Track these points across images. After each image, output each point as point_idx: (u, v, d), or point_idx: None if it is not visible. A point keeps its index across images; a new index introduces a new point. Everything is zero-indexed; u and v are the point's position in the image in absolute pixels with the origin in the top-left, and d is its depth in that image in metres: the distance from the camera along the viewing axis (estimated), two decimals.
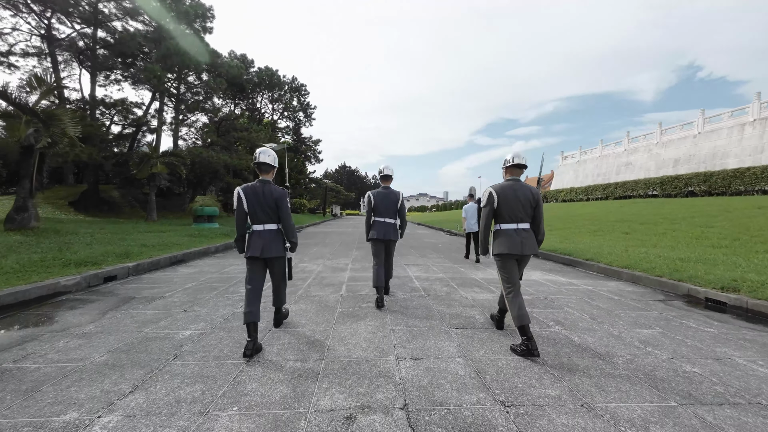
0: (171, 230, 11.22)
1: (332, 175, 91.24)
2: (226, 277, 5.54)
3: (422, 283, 5.32)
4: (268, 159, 2.86)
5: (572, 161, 35.92)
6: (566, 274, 6.54)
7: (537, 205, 2.98)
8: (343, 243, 11.42)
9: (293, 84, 37.68)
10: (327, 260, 7.53)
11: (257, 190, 2.80)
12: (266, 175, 2.89)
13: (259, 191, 2.80)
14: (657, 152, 25.12)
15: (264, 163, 2.85)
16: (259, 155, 2.86)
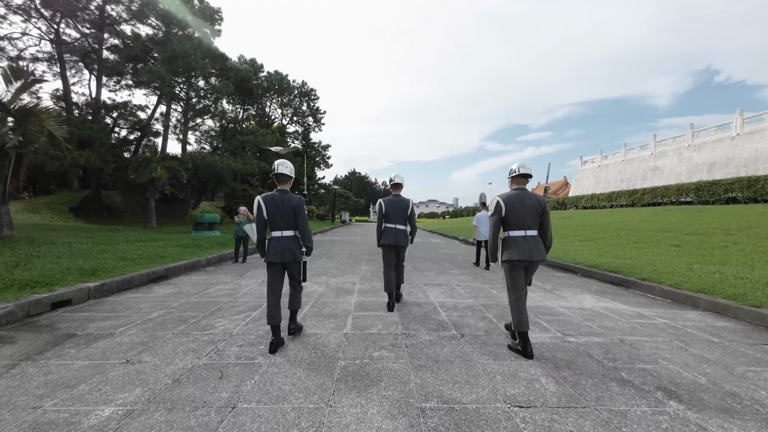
0: (165, 239, 10.34)
1: (342, 181, 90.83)
2: (205, 302, 4.50)
3: (450, 314, 4.16)
4: (285, 170, 3.04)
5: (593, 166, 34.15)
6: (624, 298, 5.28)
7: (544, 212, 3.07)
8: (351, 255, 10.33)
9: (303, 88, 37.23)
10: (331, 277, 6.44)
11: (276, 199, 2.98)
12: (284, 185, 3.07)
13: (278, 200, 2.98)
14: (689, 156, 23.33)
15: (282, 173, 3.03)
16: (278, 167, 3.03)
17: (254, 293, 5.02)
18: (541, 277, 7.04)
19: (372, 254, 10.49)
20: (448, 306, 4.54)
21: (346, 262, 8.55)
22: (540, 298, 5.13)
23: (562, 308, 4.59)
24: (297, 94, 36.73)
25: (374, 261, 8.89)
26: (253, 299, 4.67)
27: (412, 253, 10.89)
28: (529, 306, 4.64)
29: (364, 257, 9.73)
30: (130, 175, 13.21)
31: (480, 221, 8.37)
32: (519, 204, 3.02)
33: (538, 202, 3.05)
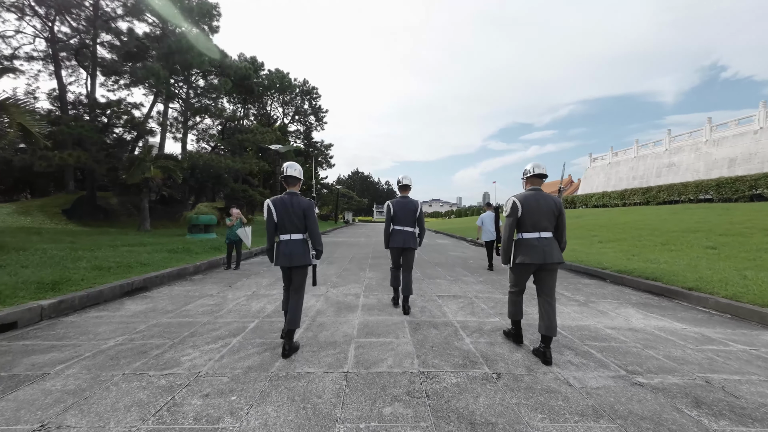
0: (155, 243, 9.65)
1: (345, 181, 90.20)
2: (179, 323, 3.75)
3: (476, 340, 3.37)
4: (294, 172, 3.00)
5: (603, 163, 33.05)
6: (674, 314, 4.47)
7: (560, 214, 2.99)
8: (355, 259, 9.57)
9: (304, 87, 36.54)
10: (332, 288, 5.68)
11: (285, 202, 2.94)
12: (293, 187, 3.02)
13: (288, 203, 2.94)
14: (707, 151, 22.25)
15: (291, 176, 2.99)
16: (287, 169, 3.00)
17: (240, 311, 4.27)
18: (568, 286, 6.23)
19: (377, 257, 9.72)
20: (471, 327, 3.75)
21: (348, 268, 7.78)
22: (577, 315, 4.32)
23: (609, 329, 3.78)
24: (298, 92, 36.06)
25: (380, 266, 8.12)
26: (237, 319, 3.92)
27: (420, 257, 10.11)
28: (569, 326, 3.85)
29: (368, 262, 8.96)
30: (121, 175, 12.56)
31: (484, 221, 8.15)
32: (535, 205, 2.94)
33: (554, 203, 2.97)
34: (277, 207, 2.92)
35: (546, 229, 2.95)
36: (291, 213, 2.92)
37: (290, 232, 2.94)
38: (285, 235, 2.95)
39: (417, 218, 4.25)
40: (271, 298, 4.91)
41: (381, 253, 11.05)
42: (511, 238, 3.06)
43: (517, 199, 2.99)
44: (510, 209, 3.02)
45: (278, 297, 4.99)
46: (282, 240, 2.95)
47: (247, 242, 7.63)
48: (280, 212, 2.92)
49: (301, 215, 2.95)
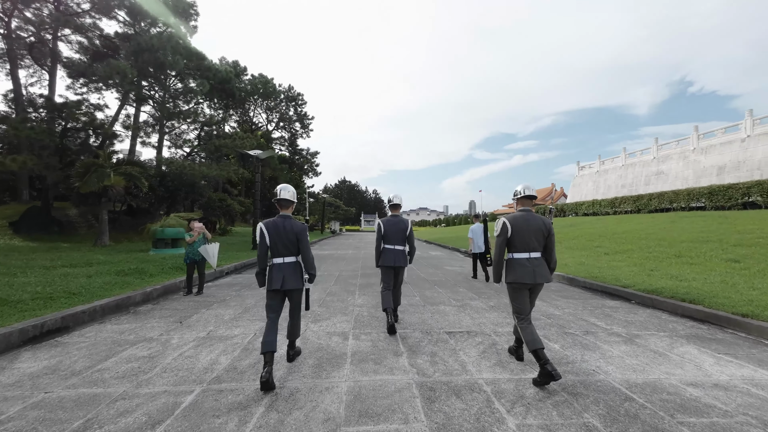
0: (105, 262, 8.22)
1: (332, 190, 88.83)
2: (77, 399, 2.50)
3: (521, 419, 2.27)
4: (287, 195, 2.99)
5: (591, 171, 33.10)
6: (747, 353, 3.53)
7: (549, 234, 3.05)
8: (341, 278, 8.40)
9: (289, 93, 35.48)
10: (312, 322, 4.50)
11: (278, 225, 2.92)
12: (286, 210, 3.02)
13: (280, 226, 2.92)
14: (695, 159, 22.31)
15: (284, 199, 2.98)
16: (280, 192, 2.99)
17: (179, 369, 3.04)
18: (595, 310, 5.27)
19: (367, 275, 8.57)
20: (507, 393, 2.65)
21: (334, 292, 6.60)
22: (633, 360, 3.31)
23: (690, 387, 2.77)
24: (283, 98, 34.95)
25: (371, 287, 6.98)
26: (170, 387, 2.70)
27: (416, 274, 9.03)
28: (636, 383, 2.78)
29: (357, 281, 7.80)
30: (73, 183, 11.03)
31: (475, 233, 8.06)
32: (525, 226, 3.01)
33: (543, 224, 3.03)
34: (269, 230, 2.90)
35: (535, 249, 3.01)
36: (284, 236, 2.91)
37: (283, 255, 2.93)
38: (278, 258, 2.93)
39: (407, 237, 4.31)
40: (229, 343, 3.69)
41: (371, 269, 9.91)
42: (502, 257, 3.11)
43: (507, 220, 3.03)
44: (500, 230, 3.07)
45: (240, 340, 3.80)
46: (275, 263, 2.93)
47: (211, 262, 6.38)
48: (272, 235, 2.90)
49: (294, 239, 2.94)
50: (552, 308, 5.45)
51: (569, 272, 8.54)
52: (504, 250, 3.09)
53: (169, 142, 20.50)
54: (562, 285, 7.81)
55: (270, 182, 36.68)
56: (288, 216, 2.99)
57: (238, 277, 8.34)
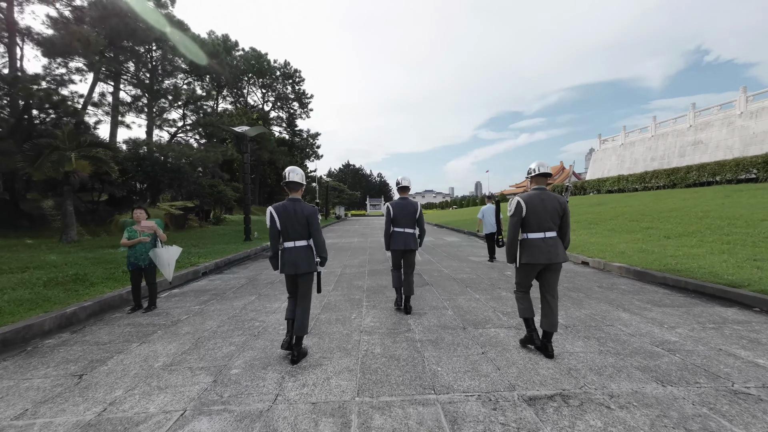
0: (52, 265, 6.58)
1: (336, 174, 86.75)
2: None
3: None
4: (296, 178, 2.94)
5: (614, 145, 30.40)
6: None
7: (564, 213, 3.00)
8: (345, 278, 6.68)
9: (286, 69, 32.96)
10: (289, 375, 2.76)
11: (288, 209, 2.89)
12: (295, 193, 2.97)
13: (290, 209, 2.89)
14: (743, 125, 19.71)
15: (293, 181, 2.94)
16: (289, 174, 2.93)
17: None
18: (721, 329, 3.43)
19: (377, 272, 6.82)
20: None
21: (332, 304, 4.86)
22: None
23: None
24: (279, 75, 32.50)
25: (383, 293, 5.23)
26: None
27: (437, 269, 7.26)
28: None
29: (364, 282, 6.05)
30: (21, 169, 9.33)
31: (485, 214, 8.15)
32: (540, 205, 2.94)
33: (558, 203, 2.98)
34: (279, 214, 2.87)
35: (550, 229, 2.95)
36: (294, 220, 2.87)
37: (294, 239, 2.91)
38: (289, 242, 2.91)
39: (417, 219, 4.22)
40: None
41: (381, 263, 8.16)
42: (516, 238, 3.01)
43: (522, 199, 2.96)
44: (515, 209, 2.97)
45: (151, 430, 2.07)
46: (286, 247, 2.91)
47: (165, 273, 4.68)
48: (282, 219, 2.86)
49: (305, 222, 2.91)
50: (653, 326, 3.65)
51: (633, 263, 6.69)
52: (518, 231, 3.00)
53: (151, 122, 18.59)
54: (631, 281, 5.98)
55: (269, 166, 34.84)
56: (298, 199, 2.96)
57: (215, 280, 6.66)
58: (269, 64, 30.74)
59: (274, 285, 6.06)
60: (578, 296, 4.99)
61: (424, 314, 4.21)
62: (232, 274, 7.31)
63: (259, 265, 8.43)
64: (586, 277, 6.40)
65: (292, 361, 2.85)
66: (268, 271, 7.43)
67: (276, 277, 6.69)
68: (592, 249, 8.64)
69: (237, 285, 6.13)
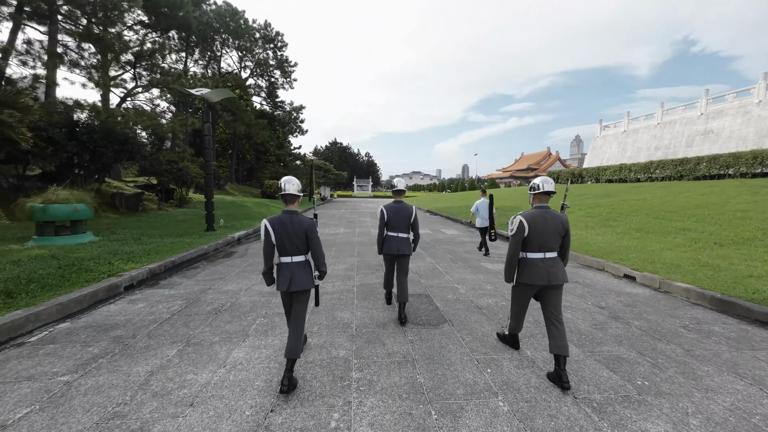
0: None
1: (322, 153, 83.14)
2: None
3: None
4: (292, 189, 2.77)
5: (616, 131, 28.98)
6: None
7: (566, 233, 2.95)
8: (322, 302, 4.81)
9: (266, 31, 29.35)
10: None
11: (285, 222, 2.74)
12: (292, 205, 2.80)
13: (287, 222, 2.74)
14: (760, 114, 18.44)
15: (289, 194, 2.77)
16: (284, 185, 2.78)
17: None
18: None
19: (371, 293, 4.94)
20: None
21: (299, 366, 2.98)
22: None
23: None
24: (259, 38, 28.92)
25: (386, 341, 3.37)
26: None
27: (451, 288, 5.43)
28: None
29: (353, 314, 4.18)
30: None
31: (479, 208, 8.33)
32: (542, 224, 2.85)
33: (561, 222, 2.89)
34: (275, 228, 2.71)
35: (552, 249, 2.89)
36: (291, 234, 2.71)
37: (291, 254, 2.75)
38: (285, 257, 2.75)
39: (411, 224, 4.14)
40: None
41: (375, 272, 6.29)
42: (516, 257, 2.95)
43: (524, 218, 2.87)
44: (517, 228, 2.90)
45: None
46: (282, 263, 2.76)
47: None
48: (278, 233, 2.71)
49: (303, 236, 2.75)
50: None
51: (703, 284, 5.10)
52: (519, 250, 2.93)
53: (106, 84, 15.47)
54: (715, 315, 4.38)
55: (246, 140, 31.79)
56: (294, 211, 2.77)
57: (136, 302, 4.63)
58: (246, 24, 27.12)
59: (221, 316, 4.11)
60: (674, 352, 3.30)
61: (462, 412, 2.39)
62: (169, 289, 5.28)
63: (215, 270, 6.41)
64: (650, 305, 4.76)
65: (281, 390, 2.52)
66: (221, 284, 5.45)
67: (229, 300, 4.72)
68: (630, 256, 7.05)
69: (163, 316, 4.14)
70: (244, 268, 6.60)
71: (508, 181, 74.35)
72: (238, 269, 6.55)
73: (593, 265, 7.20)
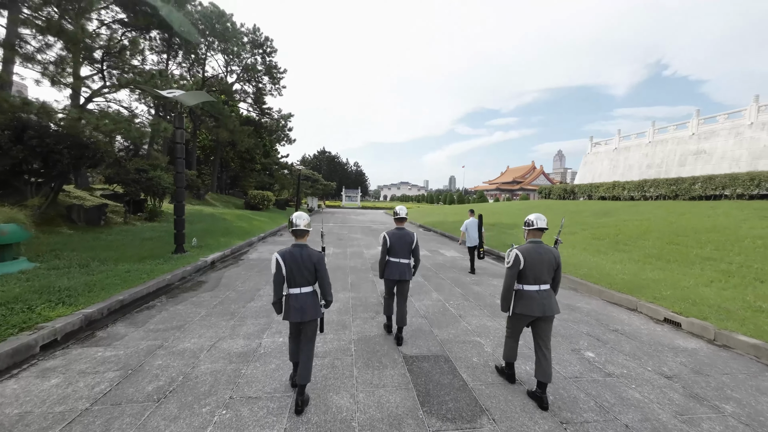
0: None
1: (310, 161, 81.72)
2: None
3: None
4: (303, 224, 2.95)
5: (607, 148, 29.05)
6: None
7: (558, 267, 3.14)
8: (329, 361, 3.64)
9: (254, 36, 28.27)
10: None
11: (295, 255, 2.87)
12: (301, 239, 2.97)
13: (297, 255, 2.87)
14: (752, 136, 18.56)
15: (300, 229, 2.93)
16: (296, 221, 2.94)
17: None
18: None
19: (376, 360, 3.78)
20: None
21: None
22: None
23: None
24: (247, 42, 27.80)
25: None
26: None
27: (473, 344, 4.33)
28: None
29: (354, 401, 3.03)
30: None
31: (468, 227, 8.34)
32: (537, 258, 3.04)
33: (553, 256, 3.09)
34: (286, 261, 2.87)
35: (545, 282, 3.07)
36: (301, 266, 2.88)
37: (300, 285, 2.92)
38: (294, 288, 2.91)
39: (413, 250, 4.30)
40: None
41: (377, 317, 5.12)
42: (512, 288, 3.13)
43: (520, 252, 3.05)
44: (513, 261, 3.07)
45: None
46: (291, 294, 2.92)
47: None
48: (289, 266, 2.87)
49: (312, 269, 2.92)
50: None
51: None
52: (514, 281, 3.11)
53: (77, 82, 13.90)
54: None
55: (230, 147, 30.27)
56: (304, 245, 2.96)
57: (50, 376, 3.33)
58: (234, 27, 26.00)
59: (165, 406, 2.86)
60: None
61: None
62: (105, 347, 3.97)
63: (175, 313, 5.10)
64: (719, 369, 3.79)
65: (296, 411, 2.78)
66: (178, 339, 4.17)
67: (183, 370, 3.46)
68: (664, 294, 6.18)
69: (77, 406, 2.85)
70: (212, 309, 5.33)
71: (495, 193, 74.83)
72: (205, 310, 5.27)
73: (623, 304, 6.29)
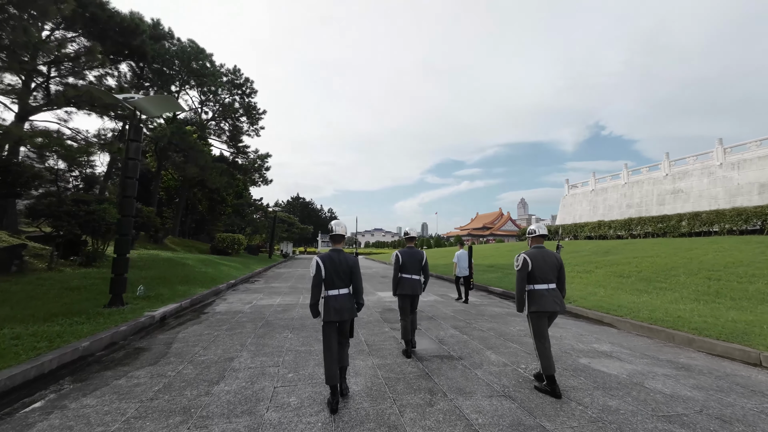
0: None
1: (284, 207, 79.26)
2: None
3: None
4: (340, 230, 3.29)
5: (584, 190, 30.00)
6: None
7: (561, 267, 3.58)
8: None
9: (234, 76, 27.69)
10: None
11: (334, 259, 3.16)
12: (338, 244, 3.29)
13: (336, 259, 3.17)
14: (725, 175, 19.54)
15: (337, 234, 3.28)
16: (334, 227, 3.30)
17: None
18: None
19: None
20: None
21: None
22: None
23: None
24: (226, 82, 27.05)
25: None
26: None
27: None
28: None
29: None
30: None
31: (459, 259, 8.70)
32: (542, 260, 3.48)
33: (556, 259, 3.56)
34: (326, 264, 3.09)
35: (552, 281, 3.48)
36: (339, 269, 3.13)
37: (338, 287, 3.13)
38: (333, 290, 3.12)
39: (423, 266, 4.71)
40: None
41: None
42: (524, 290, 3.50)
43: (527, 255, 3.48)
44: (522, 264, 3.49)
45: None
46: (330, 295, 3.11)
47: None
48: (328, 269, 3.09)
49: (349, 271, 3.19)
50: None
51: None
52: (525, 283, 3.48)
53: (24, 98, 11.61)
54: None
55: (199, 187, 27.83)
56: (340, 250, 3.23)
57: None
58: (213, 66, 25.30)
59: None
60: None
61: None
62: None
63: (89, 410, 2.79)
64: None
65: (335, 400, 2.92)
66: None
67: None
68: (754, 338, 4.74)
69: None
70: (148, 402, 3.05)
71: (467, 239, 75.60)
72: (135, 406, 2.99)
73: (734, 356, 4.73)
